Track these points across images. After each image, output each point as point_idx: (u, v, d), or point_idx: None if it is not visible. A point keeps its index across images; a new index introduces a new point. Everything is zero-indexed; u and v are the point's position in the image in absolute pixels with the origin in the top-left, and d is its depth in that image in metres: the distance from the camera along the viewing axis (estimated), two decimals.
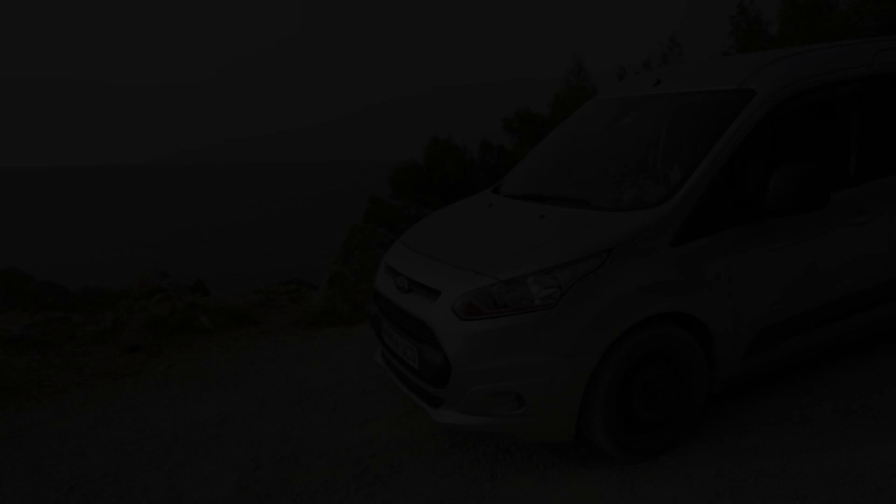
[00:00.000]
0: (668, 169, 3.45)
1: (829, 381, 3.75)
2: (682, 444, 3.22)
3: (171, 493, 3.27)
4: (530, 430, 3.02)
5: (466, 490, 3.09)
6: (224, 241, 37.71)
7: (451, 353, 3.00)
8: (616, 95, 4.54)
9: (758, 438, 3.22)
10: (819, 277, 3.49)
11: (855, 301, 3.64)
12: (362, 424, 3.84)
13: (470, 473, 3.23)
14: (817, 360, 3.96)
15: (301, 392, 4.41)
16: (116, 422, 4.14)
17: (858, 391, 3.59)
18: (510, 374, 2.92)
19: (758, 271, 3.28)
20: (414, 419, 3.83)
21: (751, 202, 3.23)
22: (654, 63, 11.19)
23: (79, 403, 4.46)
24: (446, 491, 3.10)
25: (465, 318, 3.00)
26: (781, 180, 3.09)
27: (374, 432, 3.72)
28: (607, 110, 4.52)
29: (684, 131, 3.90)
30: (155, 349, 5.57)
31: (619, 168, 4.02)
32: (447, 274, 3.25)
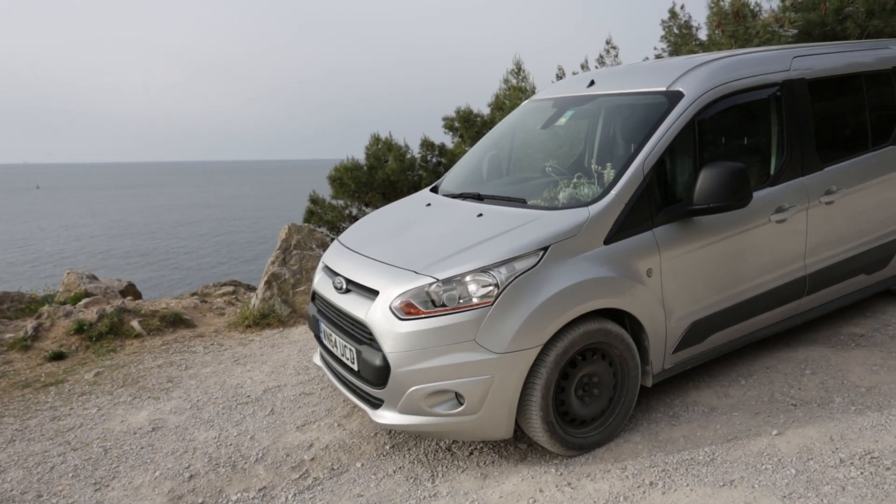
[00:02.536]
0: (602, 168, 3.53)
1: (754, 371, 3.93)
2: (617, 437, 3.31)
3: None
4: (470, 428, 3.03)
5: (408, 490, 3.08)
6: (158, 241, 36.38)
7: (390, 353, 2.99)
8: (551, 96, 4.61)
9: (689, 428, 3.34)
10: (744, 272, 3.65)
11: (776, 294, 3.83)
12: (301, 428, 3.77)
13: (411, 473, 3.23)
14: (742, 352, 4.15)
15: (237, 396, 4.30)
16: (38, 434, 3.93)
17: (780, 380, 3.78)
18: (449, 373, 2.93)
19: (687, 268, 3.40)
20: (354, 421, 3.80)
21: (680, 201, 3.36)
22: (591, 65, 11.41)
23: None
24: (387, 492, 3.08)
25: (403, 317, 2.99)
26: (707, 179, 3.22)
27: (313, 435, 3.66)
28: (543, 110, 4.59)
29: (617, 131, 4.01)
30: (81, 356, 5.32)
31: (555, 167, 4.09)
32: (385, 273, 3.23)
